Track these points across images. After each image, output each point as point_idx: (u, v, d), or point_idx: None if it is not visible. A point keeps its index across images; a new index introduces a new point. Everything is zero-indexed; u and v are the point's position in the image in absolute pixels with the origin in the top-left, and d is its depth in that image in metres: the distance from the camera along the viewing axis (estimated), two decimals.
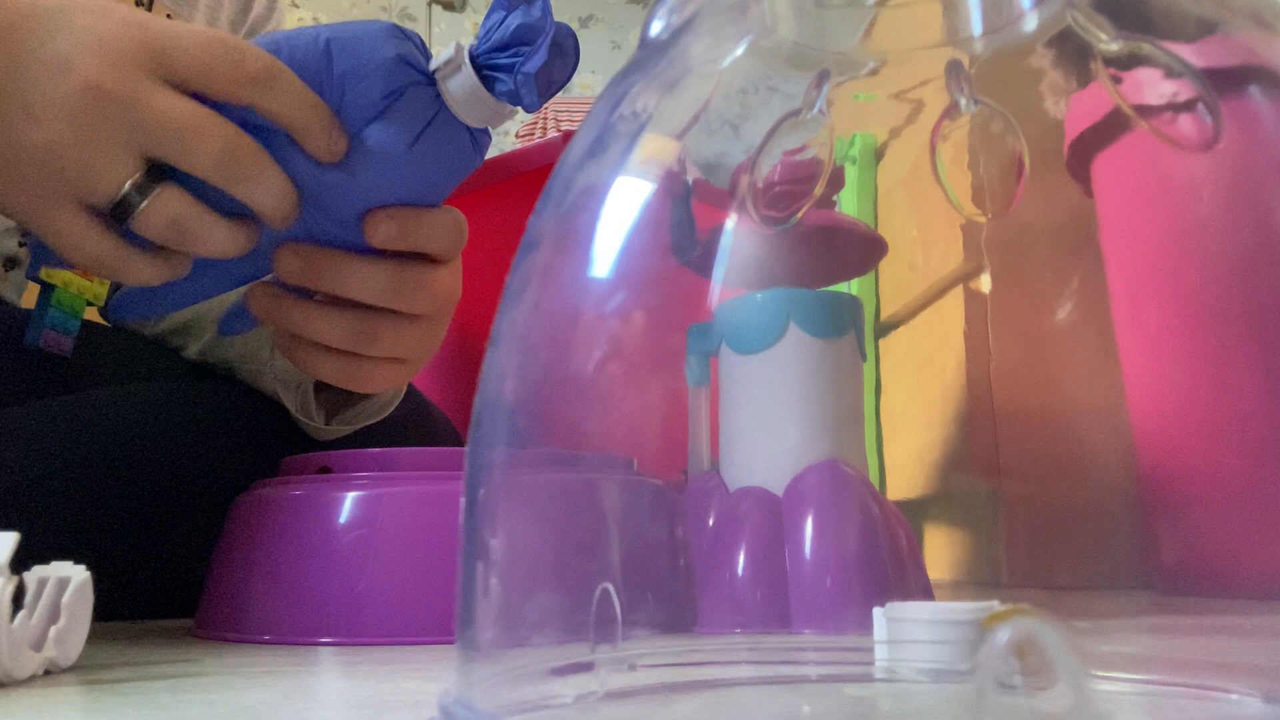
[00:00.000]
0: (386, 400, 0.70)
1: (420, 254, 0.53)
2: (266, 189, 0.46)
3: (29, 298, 0.76)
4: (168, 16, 0.77)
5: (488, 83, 0.48)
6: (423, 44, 0.49)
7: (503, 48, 0.47)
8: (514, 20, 0.47)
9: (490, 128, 0.50)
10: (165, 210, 0.44)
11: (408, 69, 0.48)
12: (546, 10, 0.47)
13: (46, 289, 0.61)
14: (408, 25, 2.93)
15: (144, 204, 0.44)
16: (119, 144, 0.43)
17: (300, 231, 0.50)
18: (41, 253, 0.59)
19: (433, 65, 0.48)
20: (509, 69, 0.47)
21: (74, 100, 0.42)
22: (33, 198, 0.44)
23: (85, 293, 0.64)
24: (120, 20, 0.44)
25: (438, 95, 0.48)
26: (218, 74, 0.44)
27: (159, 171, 0.45)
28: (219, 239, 0.46)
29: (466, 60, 0.47)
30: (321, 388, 0.70)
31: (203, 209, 0.46)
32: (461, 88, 0.48)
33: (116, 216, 0.45)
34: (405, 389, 0.71)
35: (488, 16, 0.48)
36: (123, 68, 0.43)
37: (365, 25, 0.48)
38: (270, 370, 0.68)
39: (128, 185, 0.44)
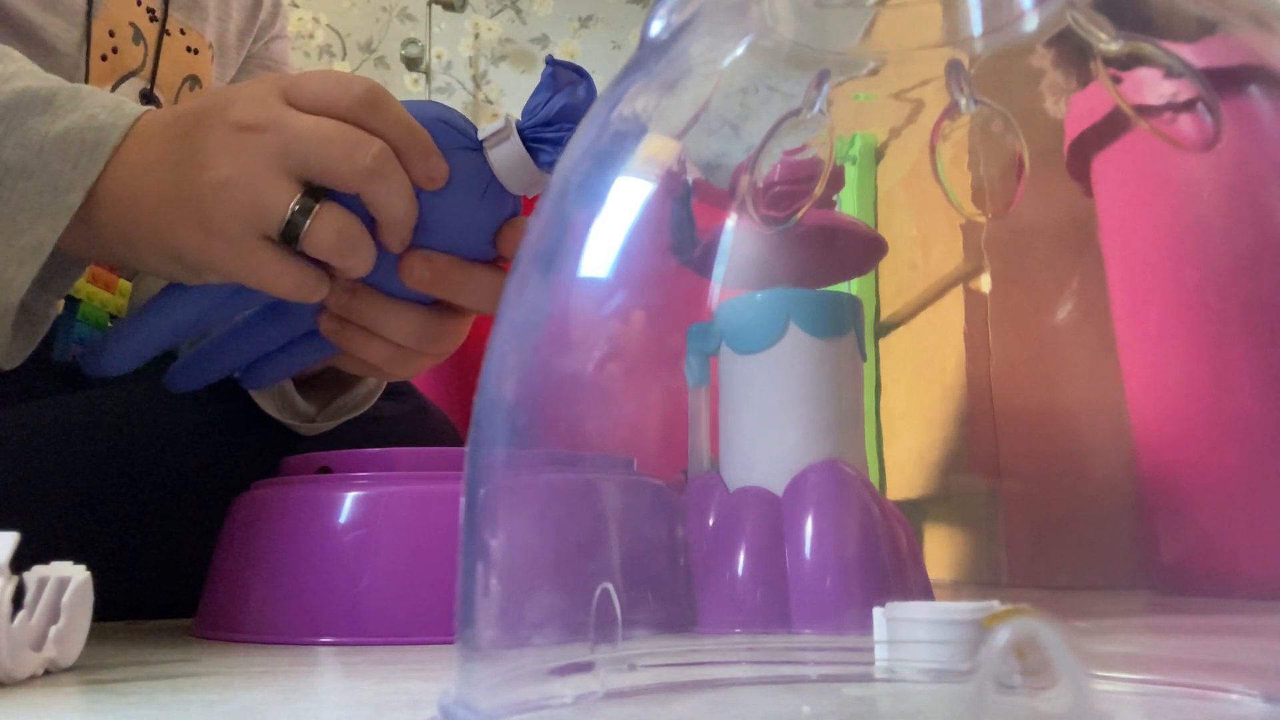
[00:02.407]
0: (368, 393, 0.70)
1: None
2: (399, 188, 0.50)
3: None
4: (181, 32, 0.78)
5: (533, 154, 0.51)
6: (469, 122, 0.53)
7: (547, 123, 0.51)
8: (559, 101, 0.51)
9: (529, 196, 0.53)
10: (330, 224, 0.49)
11: (452, 131, 0.51)
12: (591, 91, 0.52)
13: (71, 303, 0.62)
14: (408, 25, 2.93)
15: (309, 222, 0.49)
16: (274, 170, 0.48)
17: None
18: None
19: (481, 135, 0.52)
20: (554, 142, 0.51)
21: (229, 139, 0.48)
22: (225, 243, 0.49)
23: (108, 306, 0.65)
24: (253, 83, 0.51)
25: (485, 162, 0.51)
26: (330, 98, 0.49)
27: (316, 193, 0.49)
28: (371, 251, 0.51)
29: (515, 132, 0.51)
30: (307, 389, 0.70)
31: (359, 221, 0.50)
32: (508, 157, 0.51)
33: (288, 238, 0.49)
34: (385, 384, 0.72)
35: (534, 95, 0.51)
36: (261, 105, 0.49)
37: (415, 102, 0.52)
38: None
39: (292, 206, 0.48)
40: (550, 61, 0.51)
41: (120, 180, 0.50)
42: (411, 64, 2.91)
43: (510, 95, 2.99)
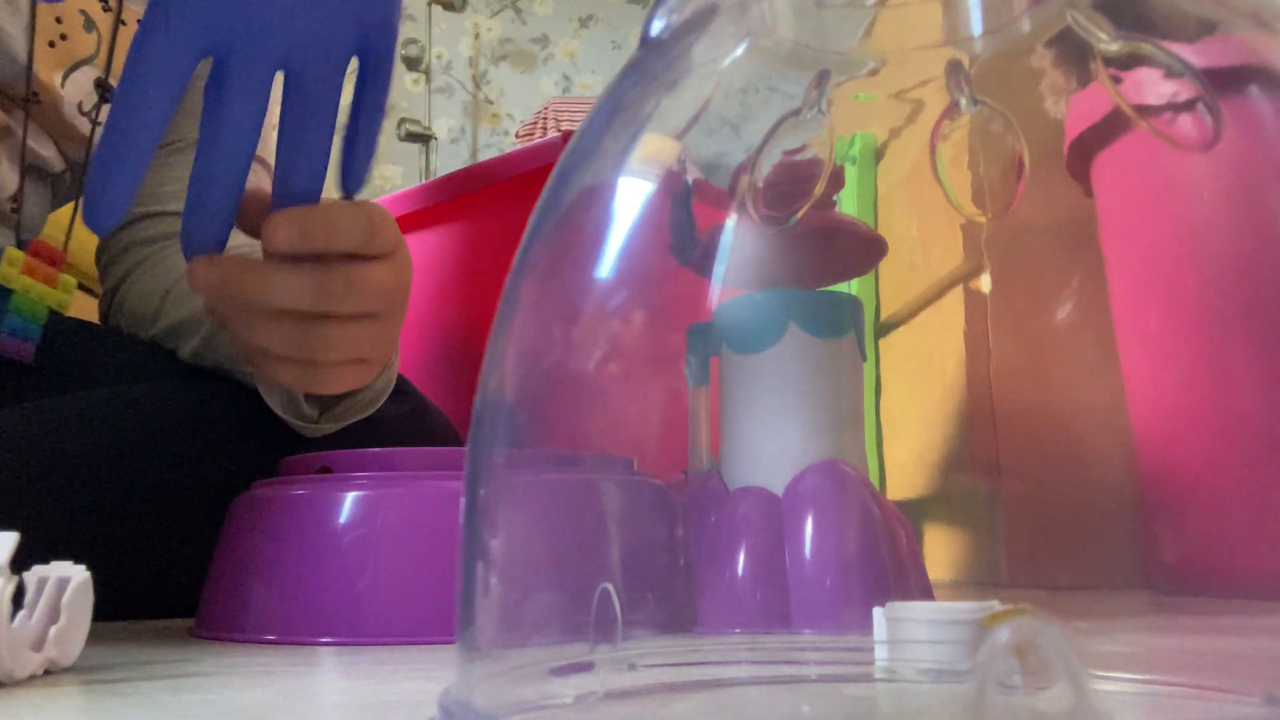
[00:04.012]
0: (374, 395, 0.70)
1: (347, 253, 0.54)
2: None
3: None
4: (138, 23, 0.78)
5: None
6: None
7: None
8: None
9: None
10: None
11: None
12: None
13: (4, 293, 0.62)
14: (408, 25, 2.93)
15: None
16: None
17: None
18: None
19: None
20: None
21: None
22: None
23: (46, 299, 0.64)
24: None
25: None
26: None
27: None
28: None
29: None
30: None
31: None
32: None
33: None
34: (394, 384, 0.71)
35: None
36: None
37: None
38: (256, 371, 0.68)
39: None
40: None
41: None
42: (411, 64, 2.91)
43: (510, 95, 2.99)
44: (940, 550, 0.34)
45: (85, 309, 0.89)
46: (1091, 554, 0.31)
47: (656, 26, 0.33)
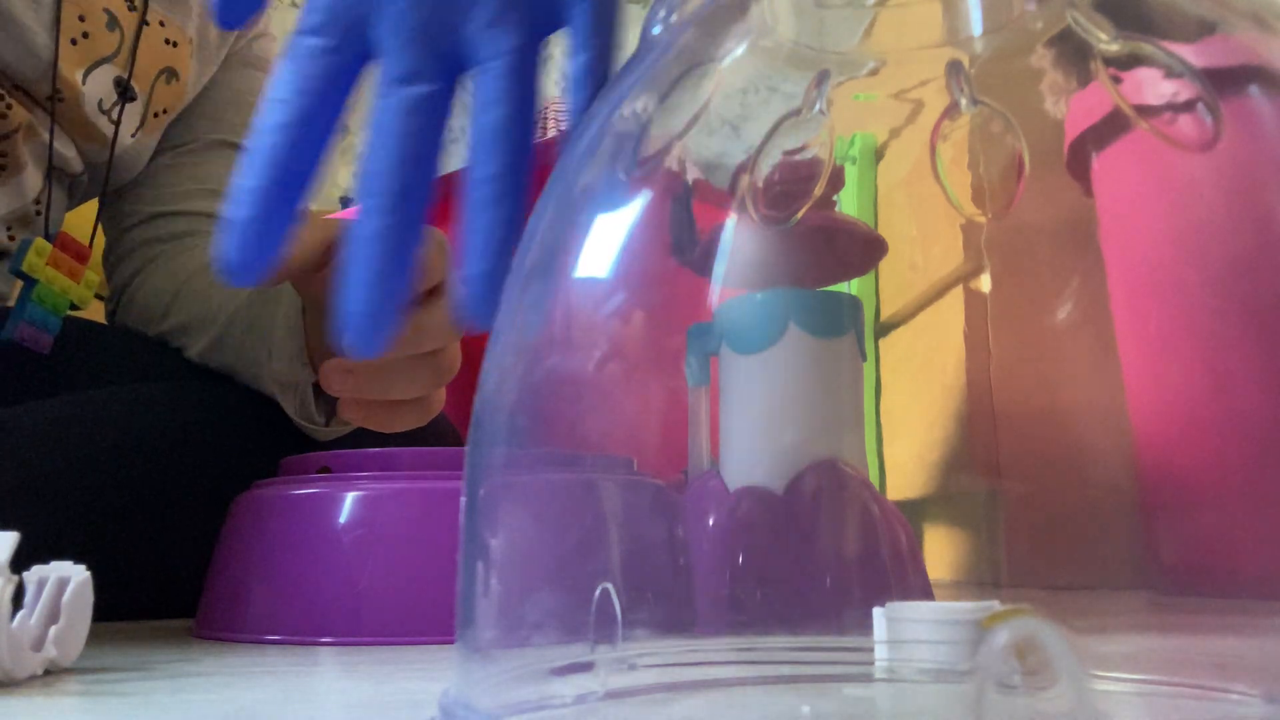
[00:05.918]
0: None
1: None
2: None
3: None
4: (161, 24, 0.78)
5: None
6: None
7: None
8: None
9: None
10: None
11: None
12: None
13: (29, 284, 0.62)
14: None
15: None
16: None
17: None
18: (23, 248, 0.59)
19: None
20: None
21: None
22: None
23: (69, 293, 0.64)
24: None
25: None
26: None
27: None
28: None
29: None
30: (321, 390, 0.70)
31: None
32: None
33: None
34: None
35: None
36: None
37: None
38: (269, 373, 0.68)
39: None
40: None
41: None
42: None
43: None
44: (940, 550, 0.34)
45: (89, 311, 0.89)
46: (1091, 554, 0.31)
47: (656, 26, 0.33)
